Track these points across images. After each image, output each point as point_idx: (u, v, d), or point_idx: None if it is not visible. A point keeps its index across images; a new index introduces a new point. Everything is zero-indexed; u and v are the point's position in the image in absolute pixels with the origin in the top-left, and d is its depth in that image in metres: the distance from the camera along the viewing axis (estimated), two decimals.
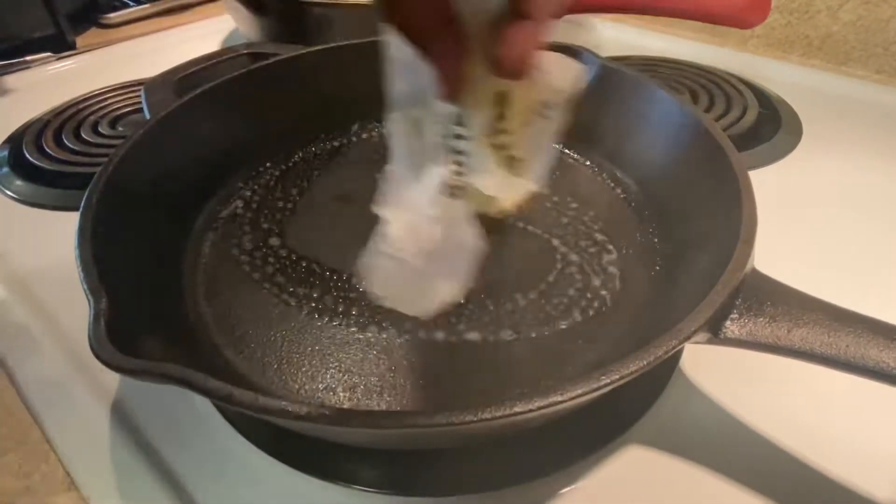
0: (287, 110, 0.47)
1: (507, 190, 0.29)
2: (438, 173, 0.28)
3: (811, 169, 0.50)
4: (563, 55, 0.27)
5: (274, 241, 0.40)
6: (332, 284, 0.37)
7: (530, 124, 0.28)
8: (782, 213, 0.43)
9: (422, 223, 0.28)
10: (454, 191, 0.28)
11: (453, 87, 0.25)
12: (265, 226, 0.41)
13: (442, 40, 0.24)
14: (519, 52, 0.24)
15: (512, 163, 0.28)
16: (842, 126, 0.56)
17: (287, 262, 0.38)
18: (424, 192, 0.28)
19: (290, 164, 0.47)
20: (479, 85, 0.26)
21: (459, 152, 0.29)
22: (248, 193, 0.44)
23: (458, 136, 0.28)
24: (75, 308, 0.26)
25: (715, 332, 0.26)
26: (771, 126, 0.55)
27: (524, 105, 0.27)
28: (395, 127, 0.29)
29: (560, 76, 0.27)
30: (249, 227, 0.41)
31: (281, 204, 0.43)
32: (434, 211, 0.28)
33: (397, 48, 0.27)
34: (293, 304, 0.35)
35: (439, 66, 0.24)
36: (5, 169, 0.52)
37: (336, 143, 0.49)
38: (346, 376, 0.31)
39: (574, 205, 0.43)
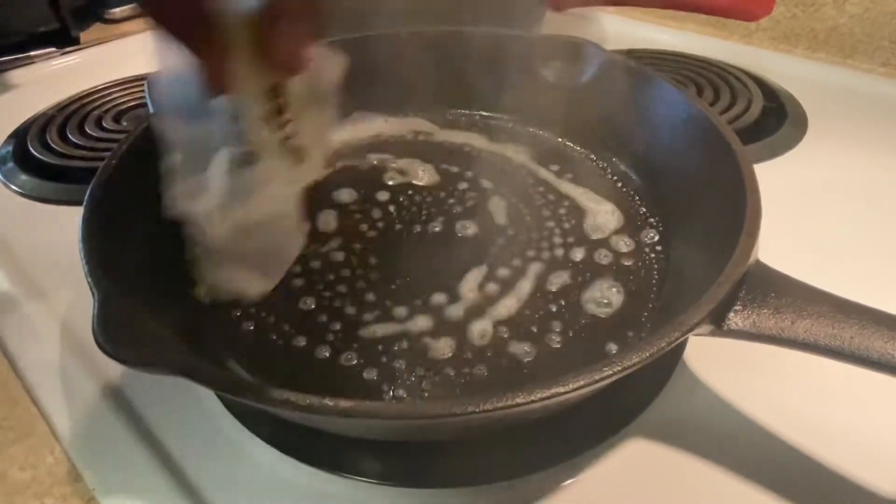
0: None
1: (291, 177, 0.30)
2: (225, 154, 0.28)
3: (816, 162, 0.50)
4: (325, 48, 0.28)
5: None
6: (338, 277, 0.37)
7: (308, 114, 0.29)
8: (787, 205, 0.43)
9: (222, 204, 0.28)
10: (246, 158, 0.28)
11: (218, 81, 0.25)
12: None
13: (200, 33, 0.24)
14: (286, 47, 0.25)
15: (296, 151, 0.29)
16: (847, 119, 0.55)
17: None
18: (216, 174, 0.29)
19: None
20: (250, 78, 0.26)
21: (242, 143, 0.28)
22: None
23: (241, 130, 0.28)
24: (80, 301, 0.26)
25: (718, 323, 0.26)
26: (776, 119, 0.55)
27: (298, 96, 0.28)
28: (167, 129, 0.29)
29: (327, 67, 0.28)
30: None
31: None
32: (228, 187, 0.28)
33: (162, 51, 0.26)
34: (298, 295, 0.35)
35: (201, 58, 0.24)
36: (10, 164, 0.52)
37: (340, 136, 0.49)
38: (349, 370, 0.31)
39: None
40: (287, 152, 0.29)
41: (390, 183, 0.45)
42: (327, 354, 0.32)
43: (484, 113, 0.51)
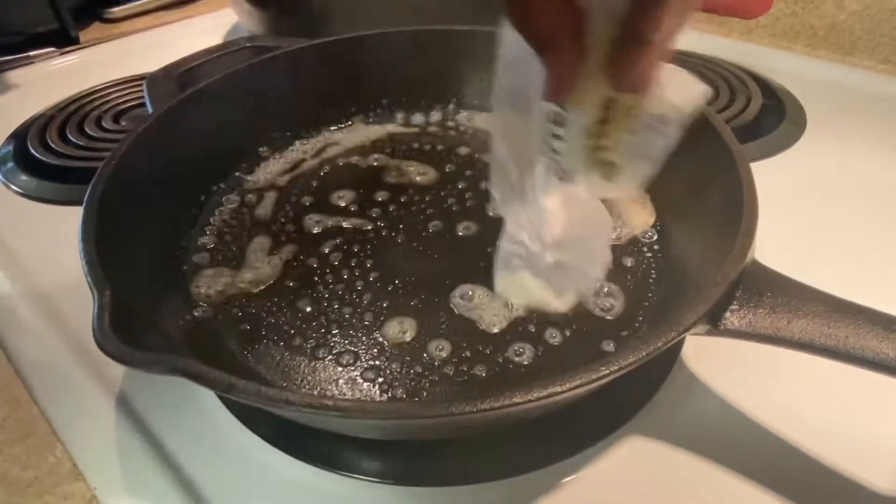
0: (289, 103, 0.47)
1: (597, 192, 0.30)
2: (541, 164, 0.29)
3: (815, 160, 0.50)
4: (687, 73, 0.27)
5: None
6: (337, 277, 0.37)
7: (633, 133, 0.28)
8: (785, 204, 0.43)
9: (539, 215, 0.29)
10: (560, 174, 0.29)
11: (564, 91, 0.25)
12: (269, 218, 0.41)
13: (564, 46, 0.24)
14: (638, 73, 0.24)
15: (607, 168, 0.29)
16: (847, 117, 0.55)
17: (291, 254, 0.39)
18: (531, 184, 0.29)
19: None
20: (588, 90, 0.26)
21: (555, 151, 0.29)
22: (251, 186, 0.44)
23: (556, 136, 0.28)
24: (81, 301, 0.26)
25: (715, 323, 0.26)
26: (775, 117, 0.55)
27: (629, 114, 0.27)
28: (497, 124, 0.30)
29: (679, 93, 0.27)
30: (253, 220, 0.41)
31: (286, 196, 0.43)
32: (547, 200, 0.29)
33: (508, 46, 0.27)
34: (297, 295, 0.36)
35: (554, 69, 0.24)
36: (10, 164, 0.52)
37: (340, 136, 0.49)
38: (349, 370, 0.32)
39: None
40: (597, 164, 0.28)
41: (390, 182, 0.45)
42: (326, 355, 0.32)
43: (484, 108, 0.51)
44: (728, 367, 0.33)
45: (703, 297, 0.25)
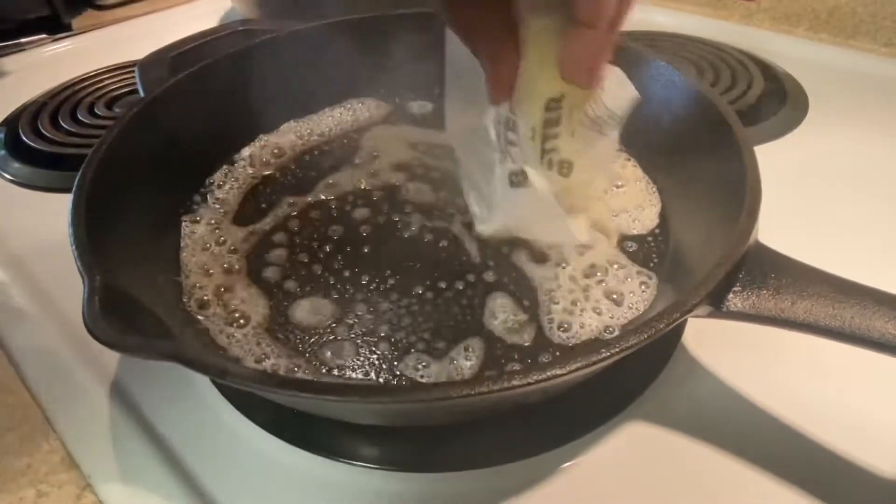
0: (282, 87, 0.46)
1: (554, 193, 0.30)
2: (499, 168, 0.30)
3: (817, 144, 0.49)
4: (621, 71, 0.27)
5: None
6: (329, 260, 0.36)
7: (581, 135, 0.28)
8: (788, 187, 0.43)
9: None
10: (515, 178, 0.30)
11: (504, 90, 0.26)
12: (262, 204, 0.41)
13: (498, 44, 0.25)
14: (586, 60, 0.24)
15: (561, 167, 0.29)
16: (849, 100, 0.55)
17: (284, 241, 0.38)
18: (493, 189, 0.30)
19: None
20: (533, 90, 0.26)
21: (510, 154, 0.29)
22: (243, 171, 0.43)
23: (510, 141, 0.29)
24: (72, 288, 0.25)
25: (717, 305, 0.25)
26: (777, 101, 0.54)
27: (576, 114, 0.28)
28: (453, 132, 0.31)
29: (614, 96, 0.27)
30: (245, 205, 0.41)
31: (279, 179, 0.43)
32: (505, 203, 0.30)
33: (452, 51, 0.28)
34: (289, 280, 0.35)
35: (492, 68, 0.25)
36: (2, 152, 0.52)
37: (334, 119, 0.49)
38: (343, 357, 0.31)
39: None
40: (550, 165, 0.29)
41: (382, 172, 0.44)
42: (321, 340, 0.32)
43: None
44: (730, 350, 0.33)
45: (705, 278, 0.25)
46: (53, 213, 0.44)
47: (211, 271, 0.35)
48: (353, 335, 0.32)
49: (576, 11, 0.23)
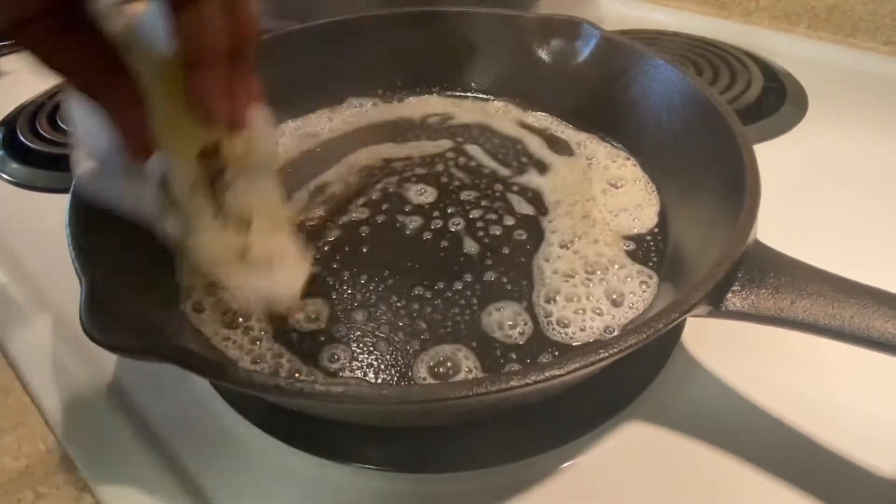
0: (280, 87, 0.46)
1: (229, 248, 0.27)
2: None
3: (817, 142, 0.49)
4: (264, 114, 0.26)
5: None
6: (327, 261, 0.36)
7: (248, 179, 0.26)
8: (787, 186, 0.43)
9: None
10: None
11: (139, 144, 0.22)
12: None
13: (114, 92, 0.21)
14: (210, 98, 0.22)
15: (238, 224, 0.27)
16: (848, 99, 0.55)
17: None
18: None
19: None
20: (178, 140, 0.23)
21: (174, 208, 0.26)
22: None
23: (170, 202, 0.25)
24: (70, 288, 0.25)
25: (716, 304, 0.25)
26: (776, 99, 0.54)
27: (236, 159, 0.26)
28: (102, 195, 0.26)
29: (261, 135, 0.26)
30: None
31: None
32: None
33: (78, 110, 0.24)
34: None
35: (117, 121, 0.22)
36: (0, 152, 0.51)
37: (333, 119, 0.48)
38: (342, 358, 0.31)
39: None
40: (228, 220, 0.26)
41: (383, 170, 0.44)
42: (319, 341, 0.32)
43: (480, 94, 0.51)
44: (729, 350, 0.33)
45: (704, 277, 0.25)
46: (51, 213, 0.44)
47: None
48: (351, 336, 0.32)
49: (184, 49, 0.21)
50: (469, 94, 0.51)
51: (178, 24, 0.21)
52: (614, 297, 0.33)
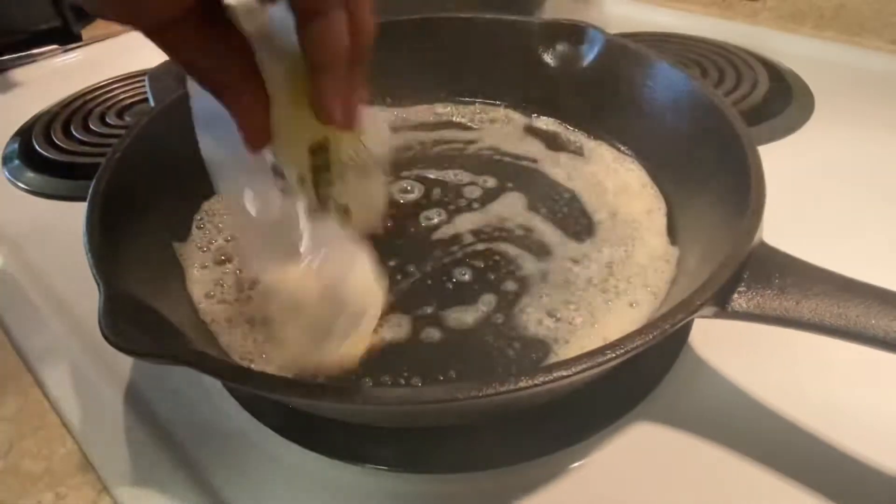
0: None
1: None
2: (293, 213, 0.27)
3: (823, 143, 0.49)
4: (377, 114, 0.27)
5: None
6: None
7: (351, 178, 0.27)
8: (793, 187, 0.43)
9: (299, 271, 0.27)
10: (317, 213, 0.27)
11: (258, 138, 0.24)
12: None
13: (243, 90, 0.23)
14: (329, 101, 0.23)
15: (339, 213, 0.28)
16: (855, 99, 0.54)
17: None
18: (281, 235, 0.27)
19: None
20: (292, 135, 0.25)
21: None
22: None
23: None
24: (88, 295, 0.26)
25: (722, 305, 0.26)
26: (782, 100, 0.54)
27: (341, 157, 0.27)
28: (227, 195, 0.28)
29: (374, 136, 0.27)
30: None
31: None
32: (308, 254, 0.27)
33: (200, 102, 0.25)
34: None
35: (241, 116, 0.23)
36: (16, 161, 0.53)
37: None
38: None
39: None
40: (334, 211, 0.28)
41: (391, 175, 0.45)
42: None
43: (485, 100, 0.51)
44: (736, 350, 0.33)
45: (710, 278, 0.25)
46: (68, 220, 0.44)
47: (223, 276, 0.36)
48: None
49: (307, 56, 0.22)
50: (475, 100, 0.51)
51: (305, 31, 0.22)
52: (622, 298, 0.33)
